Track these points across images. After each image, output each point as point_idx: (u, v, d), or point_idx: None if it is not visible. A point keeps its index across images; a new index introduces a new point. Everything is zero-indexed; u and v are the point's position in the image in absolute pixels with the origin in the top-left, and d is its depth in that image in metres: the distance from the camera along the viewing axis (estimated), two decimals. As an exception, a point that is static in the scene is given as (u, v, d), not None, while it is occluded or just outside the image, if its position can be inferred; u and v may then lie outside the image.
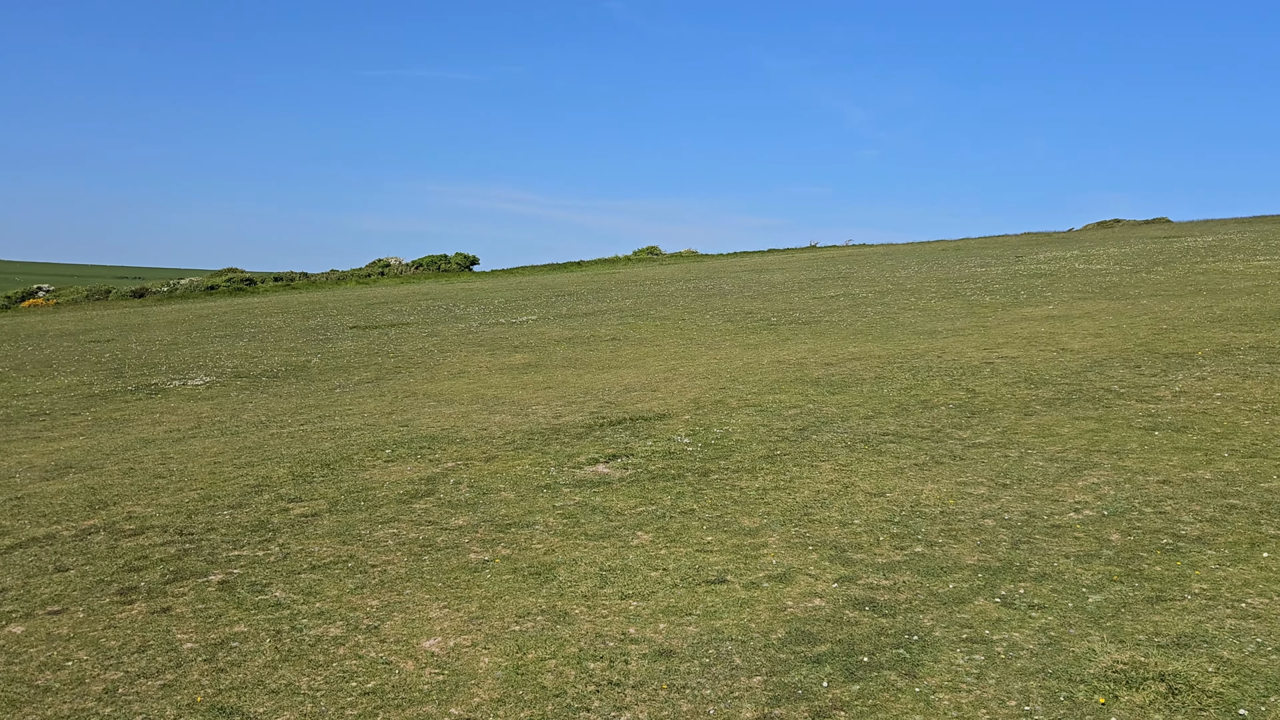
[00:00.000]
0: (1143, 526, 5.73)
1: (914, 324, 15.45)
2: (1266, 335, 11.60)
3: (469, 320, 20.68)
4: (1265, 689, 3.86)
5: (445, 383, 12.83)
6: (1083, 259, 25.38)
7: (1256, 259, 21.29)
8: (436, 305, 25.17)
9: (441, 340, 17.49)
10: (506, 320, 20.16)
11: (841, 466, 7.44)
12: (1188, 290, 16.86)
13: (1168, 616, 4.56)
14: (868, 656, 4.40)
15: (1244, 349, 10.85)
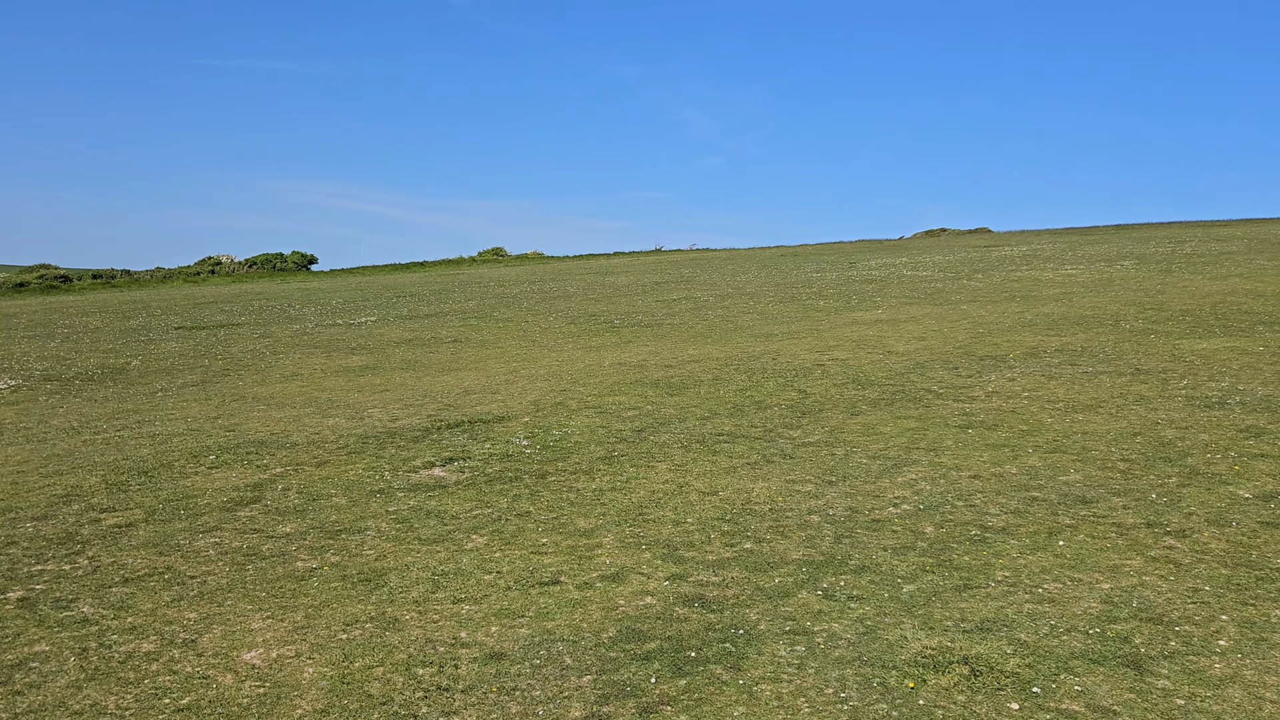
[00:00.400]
0: (954, 519, 6.07)
1: (752, 327, 15.87)
2: (1070, 339, 12.45)
3: (304, 321, 20.02)
4: (1056, 668, 4.15)
5: (277, 386, 12.38)
6: (910, 266, 26.61)
7: (1065, 268, 22.81)
8: (270, 305, 24.26)
9: (274, 342, 16.87)
10: (344, 321, 19.61)
11: (677, 467, 7.57)
12: (1003, 296, 17.92)
13: (973, 603, 4.84)
14: (695, 652, 4.49)
15: (1050, 352, 11.62)
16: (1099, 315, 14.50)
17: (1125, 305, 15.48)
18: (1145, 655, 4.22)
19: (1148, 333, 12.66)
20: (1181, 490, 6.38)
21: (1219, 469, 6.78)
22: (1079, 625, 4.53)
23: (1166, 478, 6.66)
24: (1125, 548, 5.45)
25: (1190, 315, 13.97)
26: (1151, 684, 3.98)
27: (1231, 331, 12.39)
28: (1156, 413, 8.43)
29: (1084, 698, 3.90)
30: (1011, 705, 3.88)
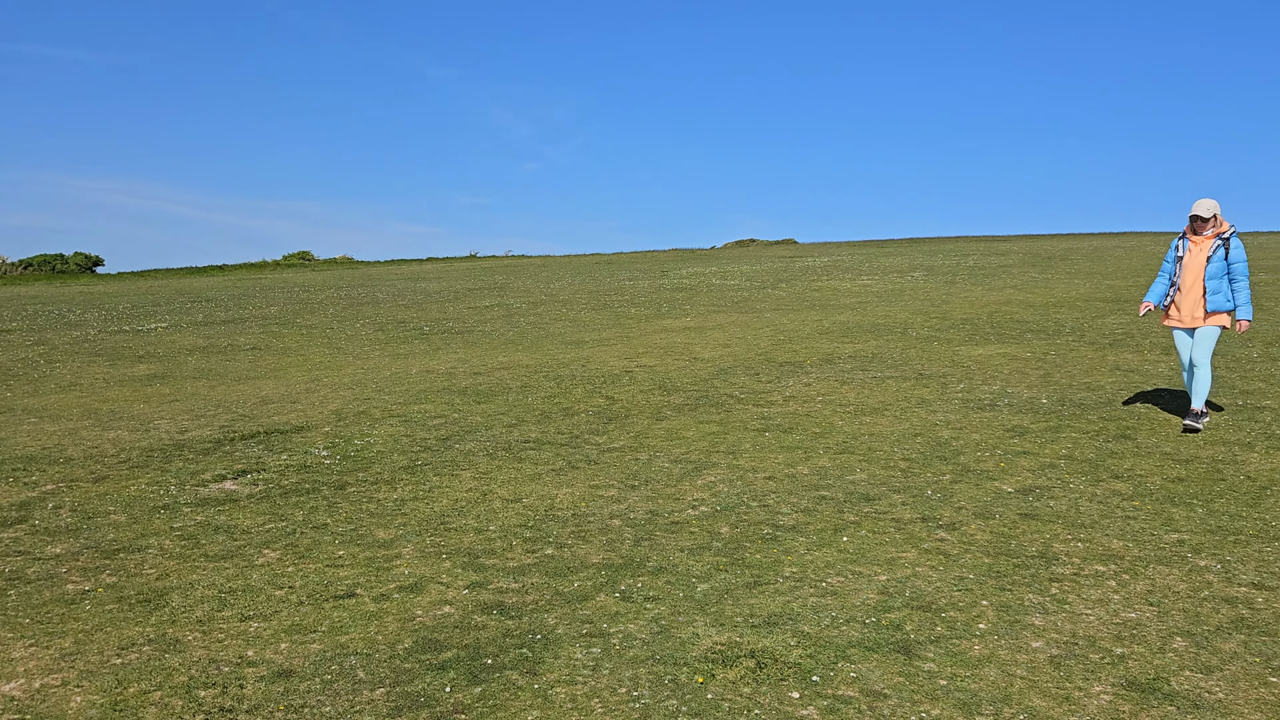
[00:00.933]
0: (749, 519, 6.31)
1: (563, 334, 15.95)
2: (862, 346, 13.15)
3: (86, 327, 18.70)
4: (835, 656, 4.38)
5: (51, 396, 11.52)
6: (719, 275, 27.40)
7: (861, 279, 24.05)
8: (47, 310, 22.53)
9: (50, 349, 15.69)
10: (132, 328, 18.45)
11: (482, 474, 7.53)
12: (804, 305, 18.73)
13: (762, 599, 5.04)
14: (492, 659, 4.49)
15: (844, 358, 12.23)
16: (890, 323, 15.38)
17: (913, 314, 16.47)
18: (914, 641, 4.51)
19: (932, 340, 13.52)
20: (954, 486, 6.86)
21: (987, 466, 7.33)
22: (857, 615, 4.80)
23: (941, 475, 7.14)
24: (902, 541, 5.81)
25: (969, 323, 15.01)
26: (919, 667, 4.26)
27: (1004, 339, 13.40)
28: (935, 414, 9.02)
29: (859, 683, 4.14)
30: (793, 694, 4.07)
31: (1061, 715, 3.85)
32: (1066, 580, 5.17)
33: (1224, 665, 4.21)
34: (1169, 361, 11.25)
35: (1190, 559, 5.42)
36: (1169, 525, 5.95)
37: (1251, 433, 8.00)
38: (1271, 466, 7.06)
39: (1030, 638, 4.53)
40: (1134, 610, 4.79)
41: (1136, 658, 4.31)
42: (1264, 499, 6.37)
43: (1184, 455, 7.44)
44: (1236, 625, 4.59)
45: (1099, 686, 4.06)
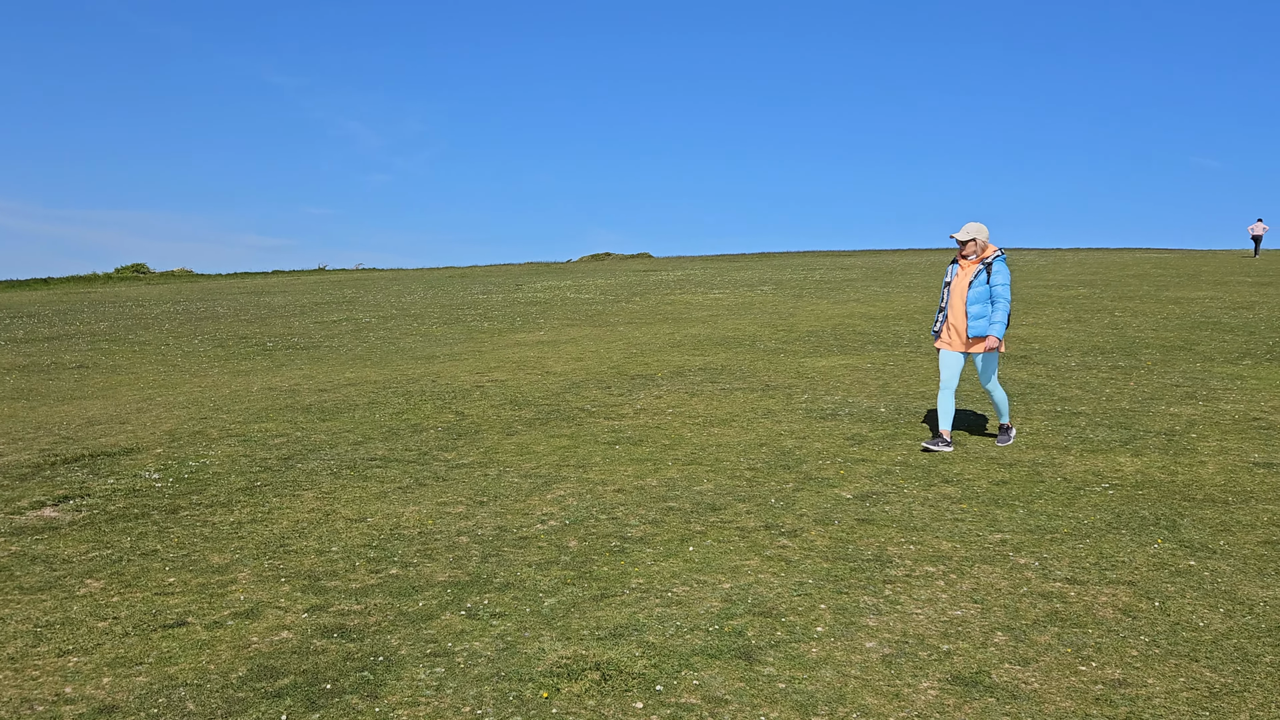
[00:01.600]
0: (597, 532, 6.34)
1: (414, 349, 15.68)
2: (712, 358, 13.41)
3: (-110, 345, 17.29)
4: (679, 665, 4.44)
5: None
6: (574, 288, 27.47)
7: (713, 292, 24.54)
8: None
9: None
10: (-58, 345, 17.16)
11: (325, 494, 7.32)
12: (656, 318, 18.96)
13: (609, 611, 5.08)
14: (331, 683, 4.37)
15: (694, 370, 12.44)
16: (739, 336, 15.74)
17: (762, 326, 16.90)
18: (755, 646, 4.62)
19: (779, 352, 13.91)
20: (796, 494, 7.07)
21: (828, 474, 7.58)
22: (701, 624, 4.89)
23: (785, 483, 7.35)
24: (746, 549, 5.95)
25: (815, 336, 15.51)
26: (759, 671, 4.37)
27: (847, 350, 13.90)
28: (780, 424, 9.28)
29: (701, 690, 4.21)
30: (636, 704, 4.11)
31: (891, 712, 4.01)
32: (899, 581, 5.40)
33: (1039, 657, 4.48)
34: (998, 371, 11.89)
35: (1011, 557, 5.73)
36: (993, 526, 6.29)
37: (1068, 437, 8.53)
38: (1085, 468, 7.55)
39: (864, 638, 4.70)
40: (960, 608, 5.03)
41: (961, 653, 4.53)
42: (1078, 499, 6.80)
43: (1008, 460, 7.87)
44: (1051, 618, 4.88)
45: (926, 682, 4.25)
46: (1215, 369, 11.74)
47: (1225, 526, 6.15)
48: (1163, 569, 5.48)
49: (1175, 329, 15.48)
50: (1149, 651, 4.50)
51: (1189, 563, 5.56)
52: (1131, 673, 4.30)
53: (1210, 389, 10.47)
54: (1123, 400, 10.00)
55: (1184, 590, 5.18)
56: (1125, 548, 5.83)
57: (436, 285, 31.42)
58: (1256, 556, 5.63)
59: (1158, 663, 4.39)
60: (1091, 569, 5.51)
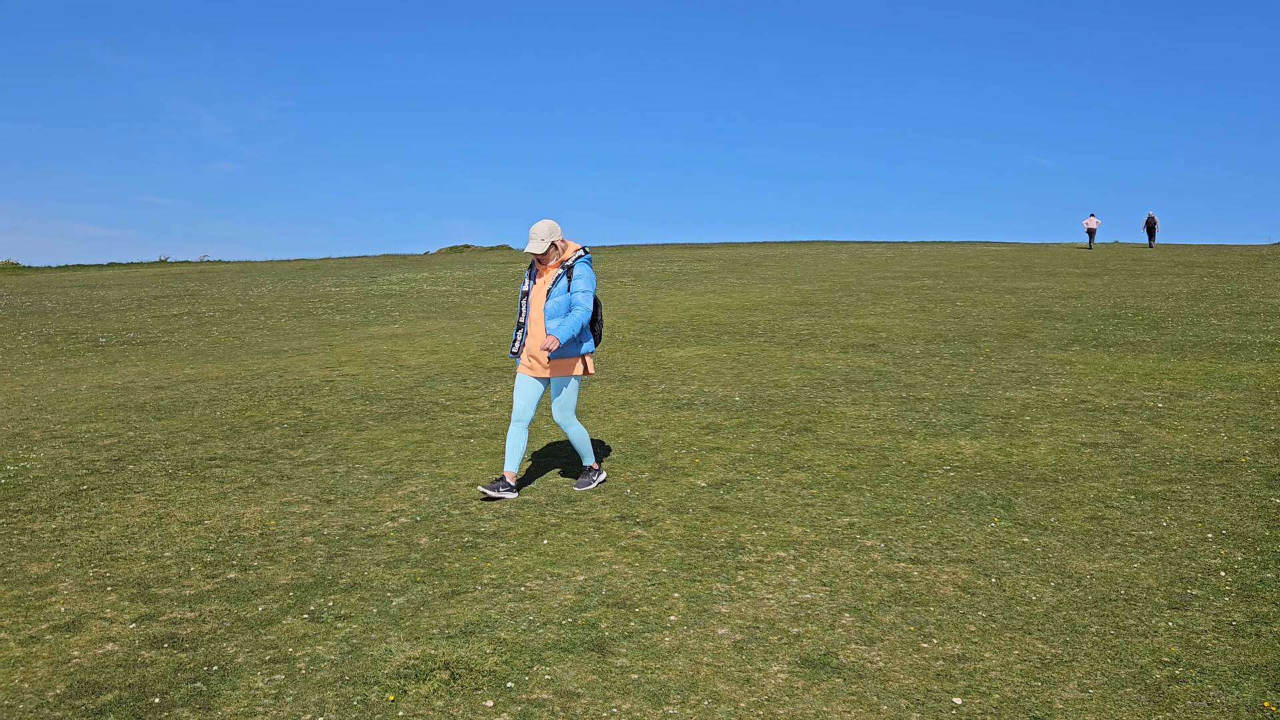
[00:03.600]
0: (449, 528, 6.19)
1: (260, 343, 15.06)
2: (570, 350, 13.33)
3: None
4: (530, 660, 4.36)
5: None
6: (431, 280, 26.95)
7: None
8: None
9: None
10: None
11: (158, 497, 6.92)
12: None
13: (460, 608, 4.95)
14: (160, 697, 4.11)
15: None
16: (597, 328, 15.72)
17: (621, 318, 16.93)
18: (608, 638, 4.59)
19: (637, 343, 13.95)
20: (652, 484, 7.08)
21: (683, 463, 7.62)
22: (554, 618, 4.82)
23: (641, 473, 7.35)
24: (601, 540, 5.91)
25: (672, 327, 15.63)
26: (612, 663, 4.33)
27: (703, 340, 14.05)
28: (637, 415, 9.29)
29: (553, 685, 4.14)
30: (486, 703, 4.01)
31: (742, 697, 4.03)
32: (751, 568, 5.46)
33: (884, 636, 4.59)
34: (847, 359, 12.24)
35: (859, 540, 5.88)
36: (841, 510, 6.44)
37: (913, 422, 8.83)
38: (929, 452, 7.82)
39: (717, 625, 4.72)
40: (809, 591, 5.12)
41: (810, 636, 4.60)
42: (921, 482, 7.04)
43: (856, 445, 8.09)
44: (895, 598, 5.02)
45: (776, 666, 4.30)
46: (1047, 355, 12.38)
47: (1055, 504, 6.46)
48: (999, 546, 5.71)
49: (1011, 317, 16.26)
50: (986, 626, 4.67)
51: (1023, 540, 5.82)
52: (970, 648, 4.45)
53: (1043, 374, 11.03)
54: (963, 386, 10.43)
55: (1018, 566, 5.41)
56: (965, 527, 6.05)
57: (286, 278, 30.31)
58: (1084, 532, 5.93)
59: (994, 637, 4.56)
60: (933, 549, 5.70)
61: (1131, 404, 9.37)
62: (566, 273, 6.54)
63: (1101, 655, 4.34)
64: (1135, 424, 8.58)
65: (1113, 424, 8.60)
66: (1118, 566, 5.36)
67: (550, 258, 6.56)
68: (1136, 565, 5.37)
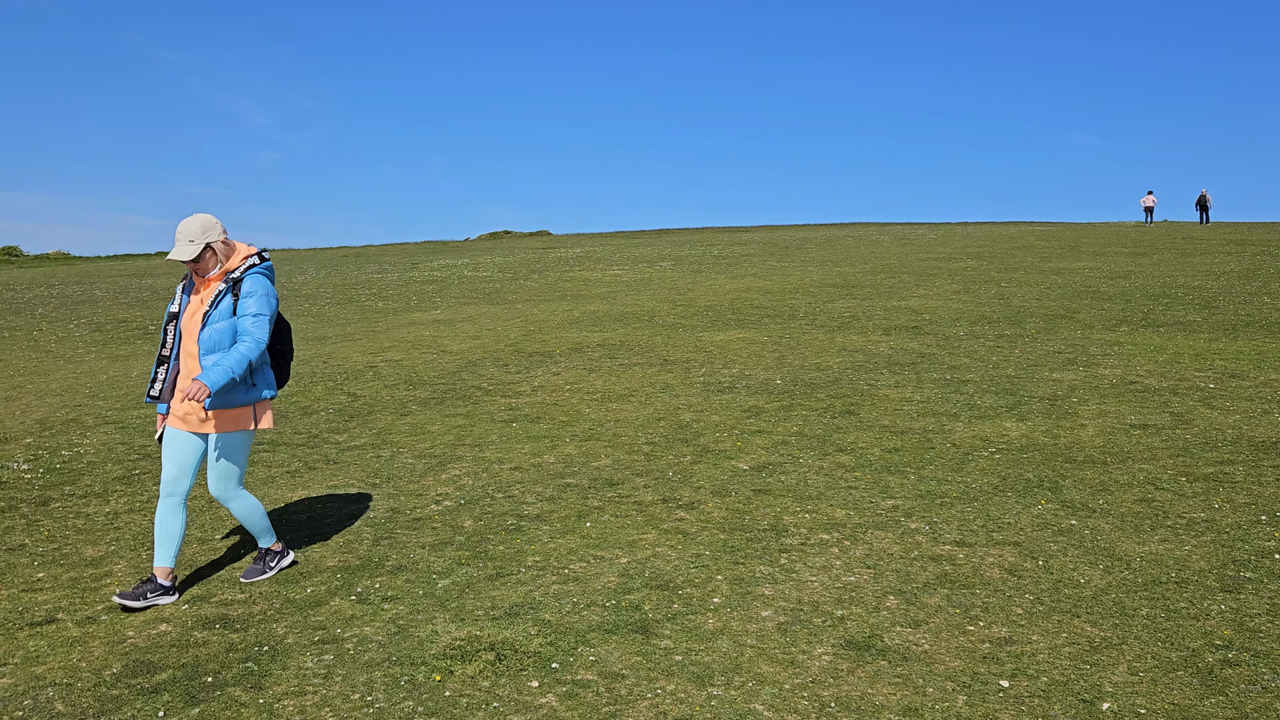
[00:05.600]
0: (493, 510, 6.23)
1: (305, 330, 15.24)
2: (611, 334, 13.35)
3: None
4: (575, 642, 4.39)
5: None
6: (471, 266, 27.09)
7: (612, 269, 24.47)
8: None
9: None
10: None
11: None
12: (555, 295, 18.82)
13: (504, 590, 4.99)
14: (213, 676, 4.19)
15: (592, 346, 12.37)
16: (638, 312, 15.71)
17: (660, 302, 16.91)
18: (652, 620, 4.60)
19: (677, 327, 13.93)
20: (694, 467, 7.07)
21: (724, 446, 7.61)
22: (598, 600, 4.84)
23: (682, 456, 7.35)
24: (643, 523, 5.92)
25: (713, 310, 15.59)
26: (656, 645, 4.35)
27: (744, 324, 14.00)
28: (678, 399, 9.29)
29: (597, 666, 4.17)
30: (532, 684, 4.04)
31: (786, 679, 4.03)
32: (794, 550, 5.44)
33: (929, 619, 4.56)
34: (890, 341, 12.13)
35: (903, 523, 5.83)
36: (885, 492, 6.39)
37: (957, 404, 8.74)
38: (973, 434, 7.74)
39: (760, 607, 4.72)
40: (853, 574, 5.10)
41: (854, 618, 4.58)
42: (966, 464, 6.97)
43: (899, 428, 8.02)
44: (940, 581, 4.98)
45: (821, 648, 4.29)
46: (1094, 336, 12.19)
47: (1104, 486, 6.37)
48: (1046, 529, 5.64)
49: (1057, 298, 16.02)
50: (1033, 609, 4.62)
51: (1070, 522, 5.74)
52: (1017, 630, 4.41)
53: (1090, 355, 10.85)
54: (1008, 368, 10.30)
55: (1066, 549, 5.34)
56: (1011, 510, 5.99)
57: (329, 265, 30.62)
58: (1133, 514, 5.84)
59: (1041, 620, 4.51)
60: (979, 531, 5.64)
61: (1182, 385, 9.21)
62: (233, 288, 4.80)
63: (1152, 638, 4.28)
64: (1186, 405, 8.43)
65: (1162, 405, 8.45)
66: (1168, 549, 5.28)
67: (209, 266, 4.80)
68: (1188, 548, 5.29)
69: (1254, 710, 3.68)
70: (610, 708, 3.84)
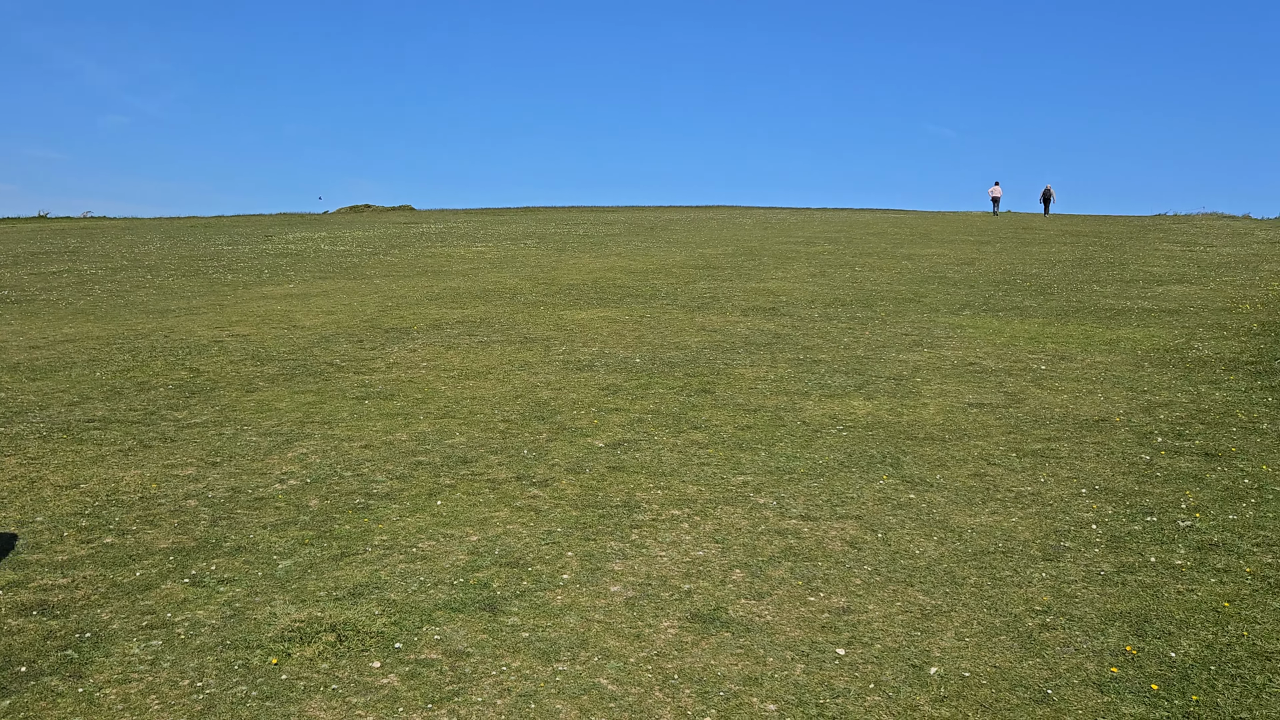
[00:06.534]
0: (340, 489, 6.06)
1: (146, 303, 14.49)
2: (471, 311, 13.17)
3: None
4: (420, 621, 4.32)
5: None
6: (330, 240, 26.27)
7: (476, 245, 24.12)
8: None
9: None
10: None
11: (31, 460, 6.62)
12: (415, 271, 18.44)
13: (349, 570, 4.86)
14: (27, 665, 3.94)
15: (452, 323, 12.18)
16: (500, 289, 15.55)
17: (523, 280, 16.77)
18: (500, 597, 4.56)
19: (539, 304, 13.84)
20: (549, 445, 7.05)
21: (581, 423, 7.61)
22: (445, 578, 4.77)
23: (538, 434, 7.31)
24: (496, 501, 5.87)
25: (575, 289, 15.55)
26: (503, 622, 4.32)
27: (606, 303, 14.02)
28: (537, 376, 9.23)
29: (442, 645, 4.11)
30: (374, 664, 3.95)
31: (632, 652, 4.06)
32: (645, 526, 5.49)
33: (773, 591, 4.67)
34: (748, 322, 12.36)
35: (752, 498, 5.96)
36: (737, 469, 6.51)
37: (809, 383, 8.97)
38: (823, 412, 7.96)
39: (609, 583, 4.74)
40: (702, 549, 5.17)
41: (701, 592, 4.65)
42: (814, 441, 7.16)
43: (753, 405, 8.18)
44: (785, 554, 5.11)
45: (667, 622, 4.34)
46: (939, 319, 12.70)
47: (942, 462, 6.65)
48: (886, 503, 5.86)
49: (907, 283, 16.63)
50: (871, 580, 4.79)
51: (909, 496, 5.97)
52: (855, 600, 4.56)
53: (934, 337, 11.31)
54: (859, 348, 10.63)
55: (904, 522, 5.55)
56: (855, 485, 6.19)
57: (176, 235, 29.18)
58: (967, 488, 6.12)
59: (878, 589, 4.68)
60: (824, 506, 5.81)
61: (1017, 366, 9.69)
62: None
63: (978, 605, 4.50)
64: (1019, 385, 8.88)
65: (998, 385, 8.88)
66: (997, 521, 5.55)
67: None
68: (1015, 519, 5.57)
69: (1067, 670, 3.91)
70: (454, 686, 3.79)
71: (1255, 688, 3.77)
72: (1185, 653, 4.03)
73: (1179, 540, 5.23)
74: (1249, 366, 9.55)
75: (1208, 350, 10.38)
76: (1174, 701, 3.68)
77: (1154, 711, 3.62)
